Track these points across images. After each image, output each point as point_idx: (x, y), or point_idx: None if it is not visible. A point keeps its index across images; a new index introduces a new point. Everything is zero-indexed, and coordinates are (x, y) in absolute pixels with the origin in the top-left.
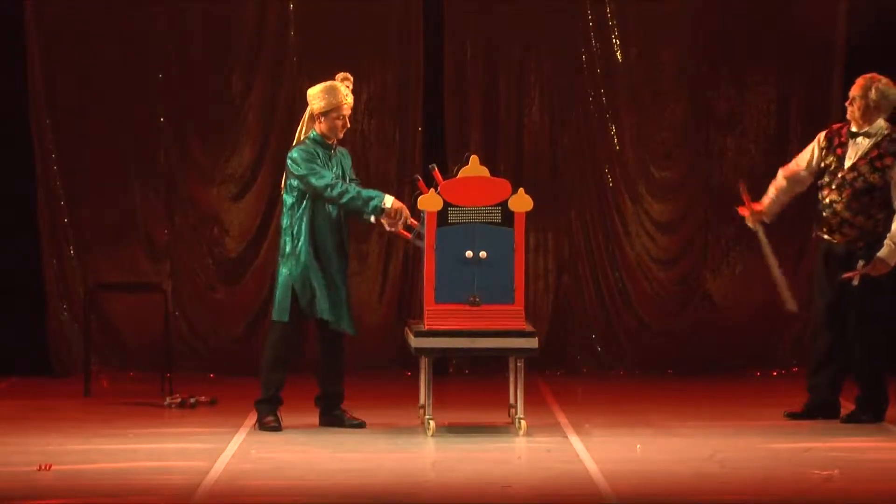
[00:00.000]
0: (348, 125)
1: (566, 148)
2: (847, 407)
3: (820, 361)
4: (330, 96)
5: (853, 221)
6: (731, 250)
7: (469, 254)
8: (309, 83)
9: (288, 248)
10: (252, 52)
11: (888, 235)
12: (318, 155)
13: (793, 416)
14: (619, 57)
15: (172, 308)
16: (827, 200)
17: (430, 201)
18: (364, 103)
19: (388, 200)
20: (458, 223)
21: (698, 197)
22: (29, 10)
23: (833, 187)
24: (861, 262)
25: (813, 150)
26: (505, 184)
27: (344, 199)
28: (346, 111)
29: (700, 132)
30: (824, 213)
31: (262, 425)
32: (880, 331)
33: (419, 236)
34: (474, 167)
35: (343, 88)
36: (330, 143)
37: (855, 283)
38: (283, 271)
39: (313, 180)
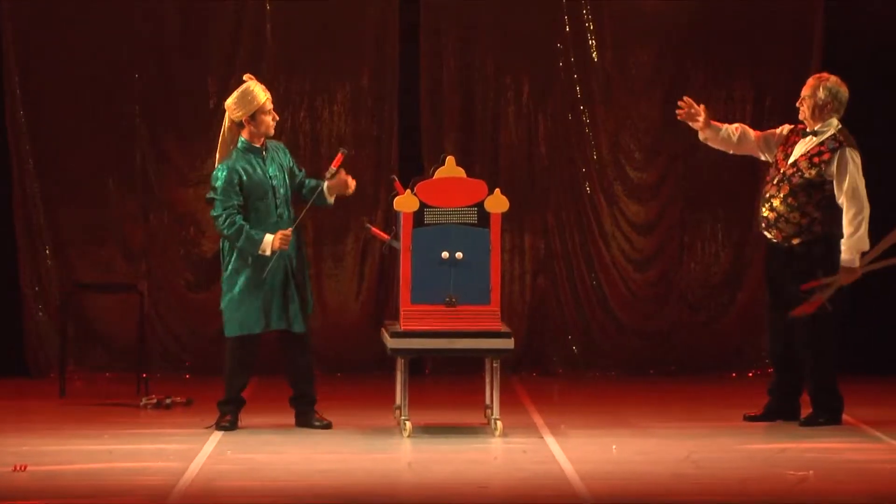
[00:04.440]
0: (277, 118)
1: (542, 149)
2: (806, 410)
3: (777, 364)
4: (249, 99)
5: (789, 218)
6: (706, 251)
7: (445, 255)
8: (286, 84)
9: (224, 266)
10: (229, 52)
11: (843, 241)
12: (243, 175)
13: (752, 418)
14: (595, 58)
15: (148, 308)
16: (767, 195)
17: (406, 202)
18: (340, 103)
19: (268, 244)
20: (435, 224)
21: (674, 198)
22: (3, 11)
23: (774, 182)
24: (821, 283)
25: (772, 133)
26: (481, 185)
27: (236, 242)
28: (270, 105)
29: (676, 133)
30: (763, 209)
31: (218, 425)
32: (829, 332)
33: (395, 237)
34: (450, 168)
35: (256, 86)
36: (259, 145)
37: (829, 308)
38: (224, 289)
39: (217, 214)
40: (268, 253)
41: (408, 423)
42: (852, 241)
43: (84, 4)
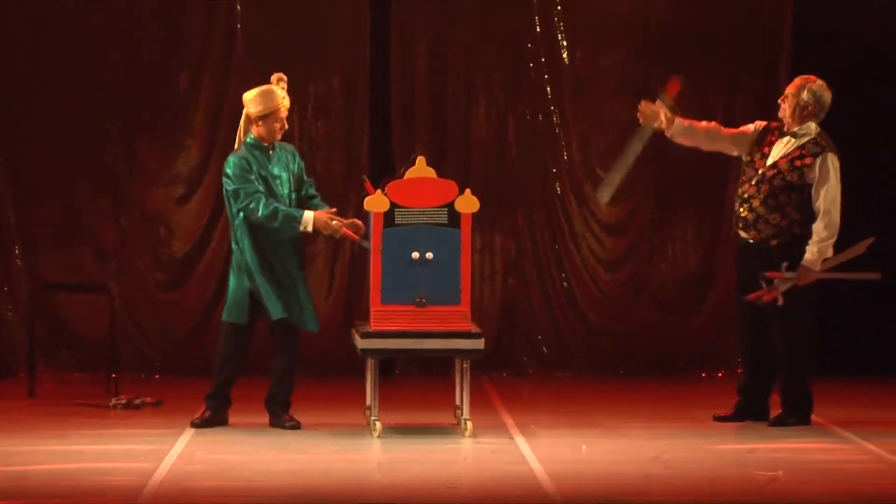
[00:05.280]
0: (286, 127)
1: (513, 149)
2: (776, 410)
3: (747, 364)
4: (267, 100)
5: (768, 219)
6: (677, 252)
7: (416, 255)
8: (257, 83)
9: (236, 256)
10: (199, 51)
11: (810, 242)
12: (253, 164)
13: (722, 418)
14: (565, 59)
15: (118, 309)
16: (745, 196)
17: (376, 202)
18: (311, 104)
19: (309, 222)
20: (405, 224)
21: (645, 198)
22: None
23: (752, 183)
24: (783, 276)
25: (744, 130)
26: (451, 185)
27: (269, 222)
28: (284, 113)
29: None
30: (741, 209)
31: (192, 421)
32: (803, 332)
33: (366, 237)
34: (421, 168)
35: (279, 91)
36: (267, 145)
37: (779, 303)
38: (233, 279)
39: (235, 202)
40: (309, 229)
41: (378, 424)
42: (820, 245)
43: (54, 4)
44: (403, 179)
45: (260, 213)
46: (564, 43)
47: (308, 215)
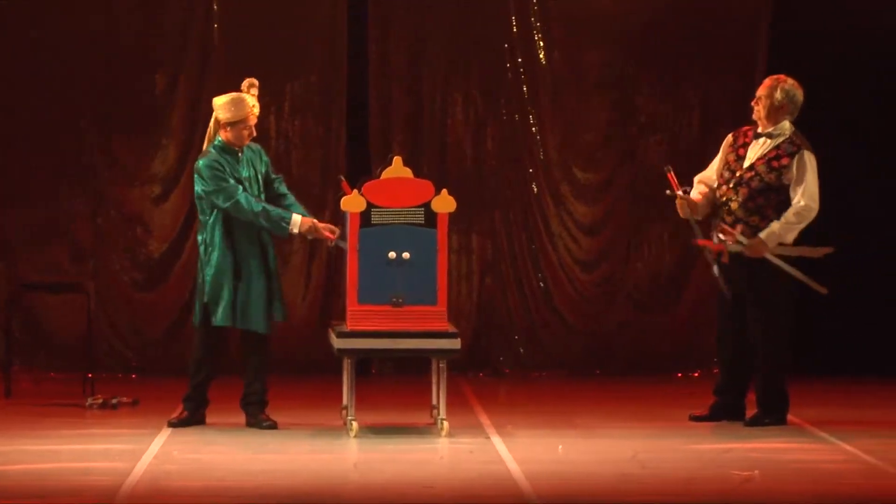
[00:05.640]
0: (254, 134)
1: (490, 149)
2: (752, 410)
3: (724, 364)
4: (236, 108)
5: (747, 221)
6: (653, 252)
7: (392, 255)
8: (234, 83)
9: (204, 258)
10: (176, 51)
11: (776, 222)
12: (226, 166)
13: (698, 418)
14: (542, 58)
15: (95, 308)
16: (724, 199)
17: (353, 202)
18: (288, 103)
19: (296, 225)
20: (382, 224)
21: (621, 199)
22: None
23: (730, 185)
24: (735, 237)
25: (720, 155)
26: (428, 185)
27: (257, 220)
28: (252, 121)
29: (623, 134)
30: (719, 212)
31: (170, 420)
32: (782, 333)
33: (342, 237)
34: (397, 168)
35: (250, 99)
36: (235, 148)
37: (723, 259)
38: (199, 279)
39: (219, 201)
40: (296, 231)
41: (354, 424)
42: (784, 226)
43: (31, 3)
44: (380, 179)
45: (252, 208)
46: (541, 43)
47: (297, 218)
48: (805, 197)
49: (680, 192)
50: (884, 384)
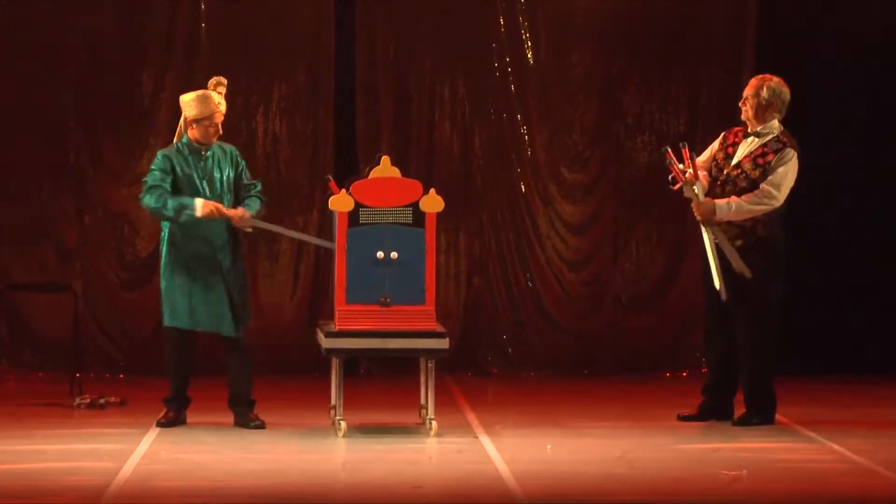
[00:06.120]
0: (220, 132)
1: (478, 149)
2: (740, 409)
3: (713, 364)
4: (202, 105)
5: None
6: (641, 252)
7: (380, 254)
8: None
9: (161, 258)
10: (163, 50)
11: (735, 199)
12: (175, 163)
13: (686, 418)
14: (530, 58)
15: (82, 308)
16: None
17: (341, 202)
18: (276, 103)
19: (198, 209)
20: (370, 224)
21: (609, 198)
22: None
23: (717, 184)
24: (697, 186)
25: (712, 149)
26: (416, 184)
27: (162, 214)
28: (218, 119)
29: (610, 134)
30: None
31: (158, 420)
32: (769, 333)
33: (330, 237)
34: (385, 168)
35: (216, 97)
36: (200, 147)
37: (675, 187)
38: (160, 280)
39: (141, 196)
40: (198, 215)
41: (342, 423)
42: (739, 205)
43: (18, 3)
44: (368, 179)
45: (153, 204)
46: (529, 43)
47: (198, 202)
48: (770, 185)
49: (689, 171)
50: (871, 384)
